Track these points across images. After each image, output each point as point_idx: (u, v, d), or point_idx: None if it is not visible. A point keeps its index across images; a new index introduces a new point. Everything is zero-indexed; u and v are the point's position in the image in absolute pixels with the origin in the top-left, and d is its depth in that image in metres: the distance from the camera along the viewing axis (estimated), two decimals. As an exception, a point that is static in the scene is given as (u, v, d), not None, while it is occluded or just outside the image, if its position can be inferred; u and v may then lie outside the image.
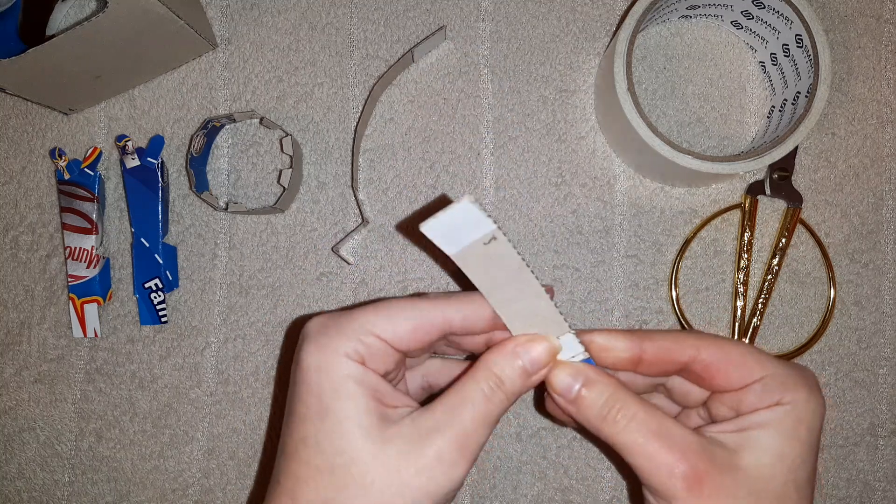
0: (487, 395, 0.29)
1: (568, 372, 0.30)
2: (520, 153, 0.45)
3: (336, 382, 0.29)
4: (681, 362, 0.31)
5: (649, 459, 0.29)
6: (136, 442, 0.45)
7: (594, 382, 0.30)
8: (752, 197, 0.44)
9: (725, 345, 0.31)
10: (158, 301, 0.44)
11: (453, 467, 0.28)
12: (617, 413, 0.29)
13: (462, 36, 0.45)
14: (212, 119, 0.43)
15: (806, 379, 0.30)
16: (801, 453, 0.29)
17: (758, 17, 0.42)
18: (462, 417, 0.29)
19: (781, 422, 0.29)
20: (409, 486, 0.28)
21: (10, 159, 0.46)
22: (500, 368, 0.29)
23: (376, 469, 0.28)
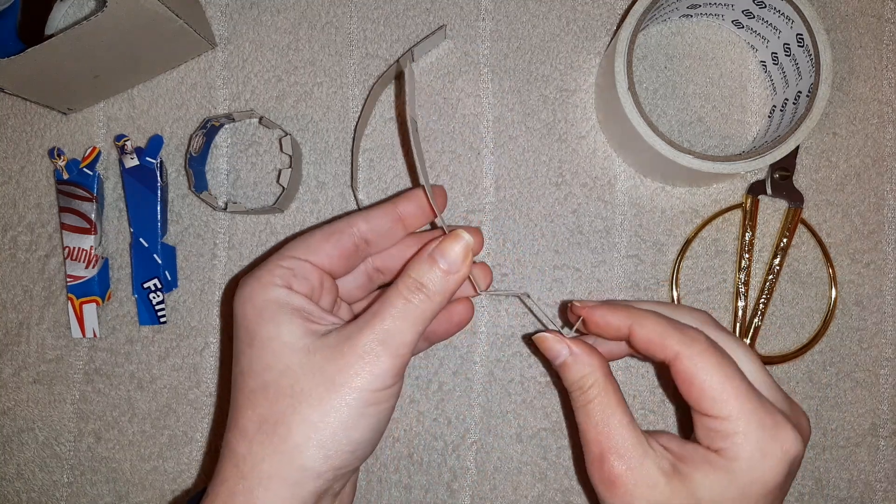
0: (406, 296, 0.31)
1: (555, 344, 0.34)
2: (520, 153, 0.44)
3: (259, 308, 0.31)
4: (661, 358, 0.33)
5: (585, 442, 0.32)
6: (135, 443, 0.45)
7: (579, 361, 0.33)
8: (753, 197, 0.44)
9: (709, 363, 0.31)
10: (157, 301, 0.44)
11: (376, 360, 0.30)
12: (580, 393, 0.33)
13: (462, 35, 0.45)
14: (211, 118, 0.43)
15: (765, 442, 0.30)
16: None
17: (759, 16, 0.42)
18: (382, 317, 0.31)
19: (716, 474, 0.30)
20: (334, 383, 0.29)
21: (8, 159, 0.46)
22: (419, 273, 0.31)
23: (304, 376, 0.30)
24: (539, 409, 0.44)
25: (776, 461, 0.30)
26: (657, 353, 0.32)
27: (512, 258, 0.44)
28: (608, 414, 0.32)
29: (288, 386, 0.30)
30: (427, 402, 0.44)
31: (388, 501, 0.43)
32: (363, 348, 0.30)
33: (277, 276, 0.32)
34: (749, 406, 0.30)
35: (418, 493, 0.43)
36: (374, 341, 0.30)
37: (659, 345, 0.32)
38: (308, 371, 0.30)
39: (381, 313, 0.31)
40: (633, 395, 0.44)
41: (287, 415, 0.30)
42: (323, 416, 0.29)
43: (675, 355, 0.31)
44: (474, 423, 0.44)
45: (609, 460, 0.31)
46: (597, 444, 0.32)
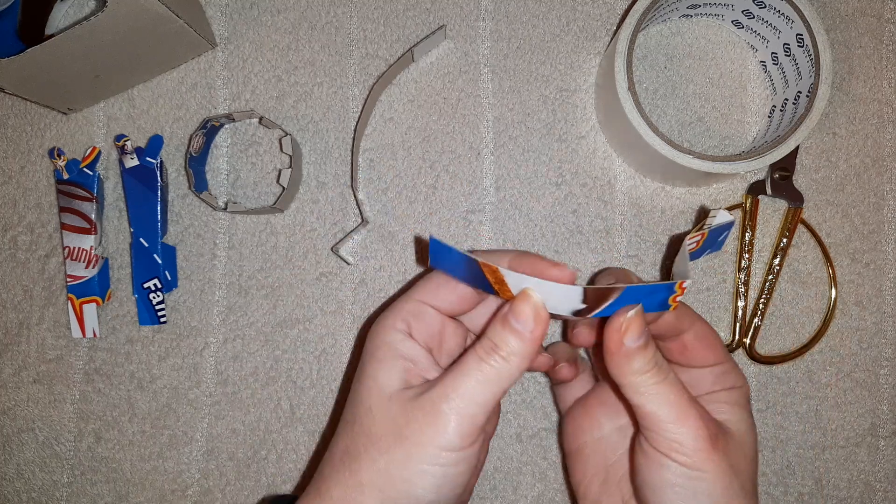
0: (481, 356, 0.31)
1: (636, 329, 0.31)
2: (520, 153, 0.44)
3: (375, 347, 0.33)
4: (675, 335, 0.35)
5: (678, 418, 0.30)
6: (135, 442, 0.45)
7: (650, 343, 0.31)
8: (753, 197, 0.44)
9: (706, 328, 0.35)
10: (157, 301, 0.44)
11: (442, 420, 0.30)
12: (654, 373, 0.31)
13: (462, 35, 0.45)
14: (211, 118, 0.43)
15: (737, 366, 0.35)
16: (753, 421, 0.34)
17: (759, 16, 0.42)
18: (455, 376, 0.30)
19: (739, 401, 0.34)
20: (401, 435, 0.30)
21: (8, 159, 0.46)
22: (493, 334, 0.31)
23: (380, 421, 0.31)
24: (539, 409, 0.44)
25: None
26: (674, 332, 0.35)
27: (512, 258, 0.44)
28: (681, 389, 0.31)
29: (368, 426, 0.31)
30: (427, 402, 0.44)
31: (388, 501, 0.43)
32: (432, 406, 0.30)
33: (400, 319, 0.33)
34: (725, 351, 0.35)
35: (418, 493, 0.43)
36: (443, 400, 0.30)
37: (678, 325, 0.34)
38: (384, 417, 0.31)
39: (455, 372, 0.31)
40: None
41: (361, 452, 0.31)
42: (387, 464, 0.30)
43: (690, 326, 0.35)
44: (474, 423, 0.44)
45: (719, 437, 0.31)
46: (702, 425, 0.30)
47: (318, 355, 0.44)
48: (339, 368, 0.44)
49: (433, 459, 0.30)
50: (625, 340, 0.30)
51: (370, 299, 0.44)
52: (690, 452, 0.30)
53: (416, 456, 0.30)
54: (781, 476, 0.43)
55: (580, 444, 0.38)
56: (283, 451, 0.44)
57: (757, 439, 0.34)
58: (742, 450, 0.32)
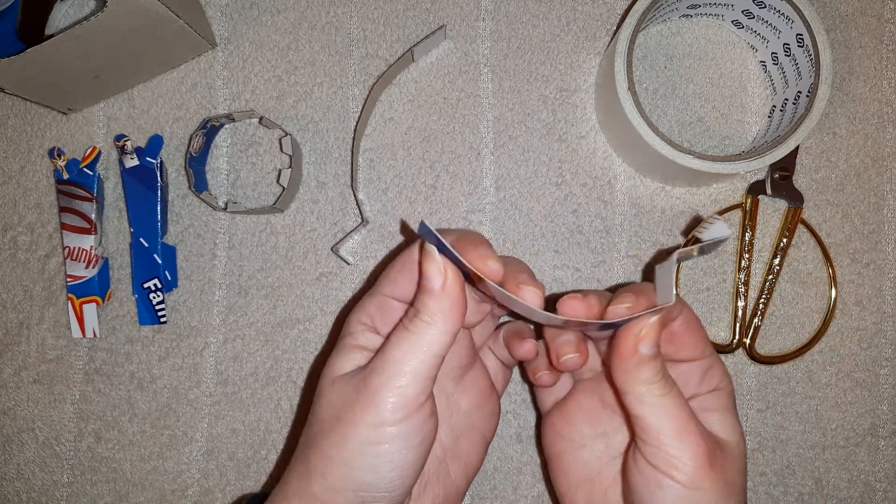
0: (405, 325, 0.31)
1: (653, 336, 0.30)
2: (520, 153, 0.44)
3: (337, 342, 0.34)
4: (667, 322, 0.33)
5: (678, 434, 0.30)
6: (135, 443, 0.45)
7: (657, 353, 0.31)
8: (753, 197, 0.44)
9: (692, 315, 0.34)
10: (157, 301, 0.44)
11: (372, 394, 0.30)
12: (661, 385, 0.30)
13: (462, 35, 0.45)
14: (211, 118, 0.43)
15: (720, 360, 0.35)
16: (740, 426, 0.33)
17: (759, 16, 0.42)
18: (383, 349, 0.31)
19: (726, 405, 0.33)
20: (339, 419, 0.30)
21: (8, 159, 0.46)
22: (415, 301, 0.31)
23: (325, 408, 0.31)
24: (539, 409, 0.44)
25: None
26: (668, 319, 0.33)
27: (512, 258, 0.44)
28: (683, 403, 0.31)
29: (318, 412, 0.32)
30: (427, 402, 0.44)
31: (388, 501, 0.43)
32: (363, 382, 0.30)
33: (365, 313, 0.34)
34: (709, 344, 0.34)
35: (418, 493, 0.43)
36: (373, 374, 0.30)
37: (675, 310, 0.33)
38: (328, 402, 0.31)
39: (384, 347, 0.31)
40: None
41: (310, 439, 0.31)
42: (328, 448, 0.30)
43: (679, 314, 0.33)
44: (474, 423, 0.44)
45: (716, 453, 0.31)
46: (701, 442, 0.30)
47: (318, 355, 0.44)
48: (339, 368, 0.44)
49: (367, 438, 0.29)
50: (640, 348, 0.30)
51: (370, 299, 0.44)
52: (689, 471, 0.30)
53: (351, 436, 0.29)
54: (781, 476, 0.43)
55: (559, 450, 0.37)
56: (284, 452, 0.44)
57: (745, 445, 0.33)
58: (735, 463, 0.32)
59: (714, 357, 0.34)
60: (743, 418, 0.43)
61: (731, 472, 0.31)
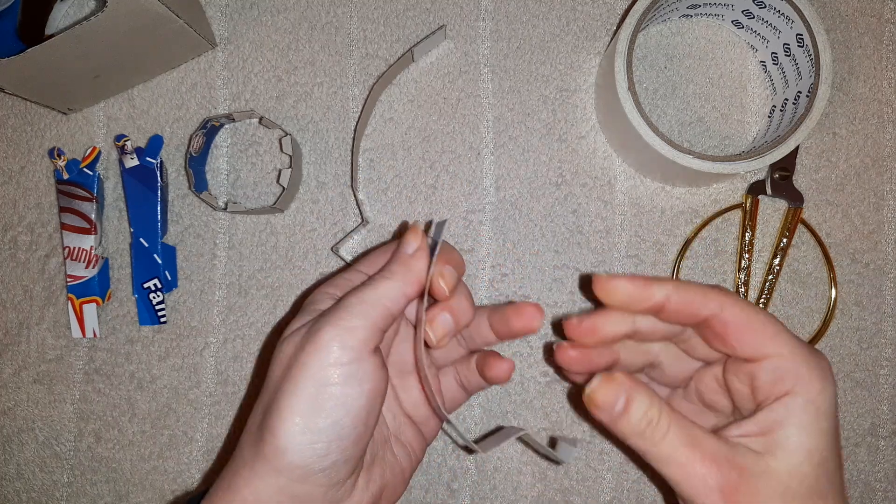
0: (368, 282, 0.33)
1: (612, 389, 0.30)
2: (520, 153, 0.44)
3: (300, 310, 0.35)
4: (702, 316, 0.31)
5: (685, 472, 0.29)
6: (135, 443, 0.45)
7: (633, 399, 0.30)
8: (753, 197, 0.44)
9: (748, 308, 0.30)
10: (157, 301, 0.44)
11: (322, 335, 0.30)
12: (653, 429, 0.29)
13: (462, 35, 0.45)
14: (211, 118, 0.43)
15: (819, 365, 0.30)
16: (828, 444, 0.29)
17: (759, 16, 0.42)
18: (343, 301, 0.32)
19: (801, 416, 0.29)
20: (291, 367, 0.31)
21: (8, 159, 0.46)
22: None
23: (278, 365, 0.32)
24: (539, 409, 0.44)
25: (830, 382, 0.30)
26: (697, 311, 0.30)
27: (512, 258, 0.44)
28: (690, 430, 0.29)
29: (269, 376, 0.32)
30: (427, 402, 0.44)
31: (388, 501, 0.43)
32: (315, 328, 0.31)
33: (334, 285, 0.34)
34: (793, 345, 0.30)
35: (418, 492, 0.43)
36: (324, 321, 0.31)
37: (701, 303, 0.30)
38: (278, 361, 0.32)
39: (341, 297, 0.32)
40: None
41: (262, 404, 0.32)
42: (281, 402, 0.30)
43: (719, 306, 0.30)
44: (474, 423, 0.44)
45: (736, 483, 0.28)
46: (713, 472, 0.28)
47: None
48: (339, 368, 0.44)
49: (317, 378, 0.30)
50: (599, 418, 0.30)
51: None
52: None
53: (301, 380, 0.30)
54: (781, 476, 0.43)
55: None
56: (283, 451, 0.44)
57: (828, 457, 0.29)
58: (787, 485, 0.28)
59: (789, 357, 0.30)
60: (743, 418, 0.43)
61: (769, 496, 0.28)
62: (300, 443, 0.29)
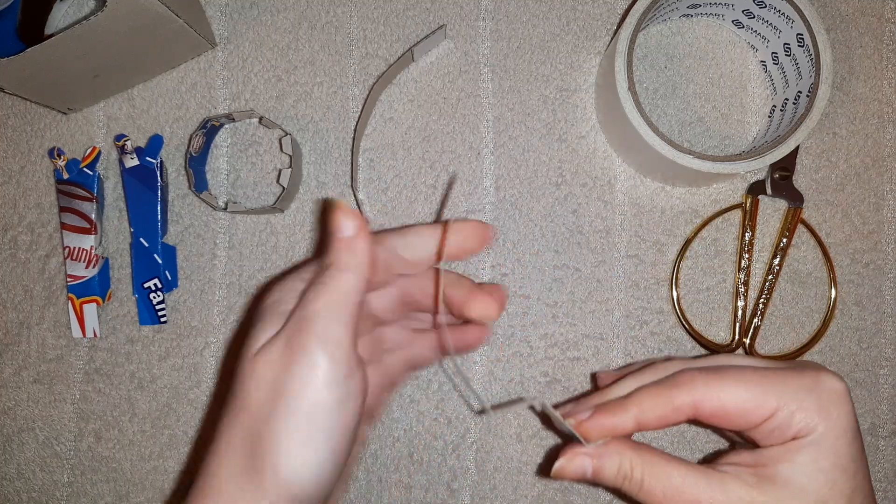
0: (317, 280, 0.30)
1: (575, 464, 0.32)
2: (520, 153, 0.44)
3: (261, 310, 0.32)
4: (684, 418, 0.31)
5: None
6: (135, 442, 0.45)
7: (602, 464, 0.31)
8: (753, 197, 0.44)
9: (724, 390, 0.30)
10: (158, 301, 0.44)
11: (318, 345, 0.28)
12: (630, 482, 0.31)
13: (462, 35, 0.45)
14: (211, 118, 0.43)
15: (819, 396, 0.29)
16: (828, 482, 0.29)
17: (759, 16, 0.42)
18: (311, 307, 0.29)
19: (798, 455, 0.29)
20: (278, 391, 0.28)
21: (8, 159, 0.46)
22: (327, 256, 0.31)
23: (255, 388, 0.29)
24: (539, 409, 0.44)
25: (840, 406, 0.29)
26: (675, 421, 0.31)
27: (512, 258, 0.44)
28: (666, 479, 0.30)
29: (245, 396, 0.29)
30: (427, 402, 0.44)
31: (388, 501, 0.43)
32: (293, 345, 0.28)
33: (299, 278, 0.32)
34: (784, 382, 0.30)
35: (418, 492, 0.43)
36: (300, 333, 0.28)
37: (674, 415, 0.31)
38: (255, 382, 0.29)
39: (300, 304, 0.29)
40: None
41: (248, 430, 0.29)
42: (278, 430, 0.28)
43: (692, 407, 0.31)
44: (474, 423, 0.44)
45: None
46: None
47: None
48: (339, 368, 0.44)
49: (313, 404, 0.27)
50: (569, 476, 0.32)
51: (370, 299, 0.44)
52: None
53: (296, 408, 0.27)
54: (781, 476, 0.43)
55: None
56: (284, 451, 0.44)
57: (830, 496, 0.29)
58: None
59: (793, 405, 0.29)
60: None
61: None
62: (304, 476, 0.27)
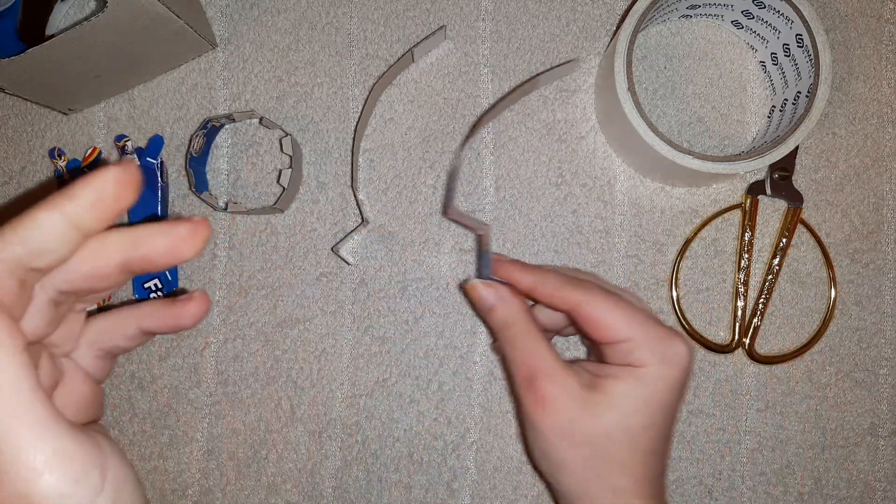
0: None
1: (487, 292, 0.37)
2: (520, 153, 0.45)
3: None
4: (564, 308, 0.36)
5: (514, 369, 0.36)
6: (135, 442, 0.45)
7: (500, 306, 0.37)
8: (752, 197, 0.44)
9: (606, 304, 0.35)
10: (158, 301, 0.44)
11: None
12: (508, 329, 0.36)
13: (462, 35, 0.45)
14: (211, 119, 0.43)
15: (665, 355, 0.34)
16: (640, 409, 0.34)
17: (758, 16, 0.42)
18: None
19: (629, 386, 0.34)
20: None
21: (9, 159, 0.46)
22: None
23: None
24: (539, 409, 0.44)
25: (675, 365, 0.34)
26: (560, 305, 0.36)
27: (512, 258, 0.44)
28: (533, 343, 0.35)
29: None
30: (427, 402, 0.44)
31: (388, 501, 0.43)
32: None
33: None
34: (646, 327, 0.35)
35: (418, 492, 0.43)
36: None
37: (560, 297, 0.36)
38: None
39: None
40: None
41: None
42: None
43: (577, 303, 0.35)
44: (474, 423, 0.44)
45: (538, 380, 0.34)
46: (525, 368, 0.35)
47: (318, 355, 0.44)
48: (338, 368, 0.44)
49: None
50: (477, 305, 0.38)
51: (370, 299, 0.44)
52: (521, 398, 0.36)
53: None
54: (781, 476, 0.43)
55: None
56: (284, 451, 0.44)
57: (639, 435, 0.34)
58: (590, 419, 0.34)
59: (638, 342, 0.34)
60: (742, 418, 0.44)
61: (572, 419, 0.34)
62: None
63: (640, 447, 0.34)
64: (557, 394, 0.34)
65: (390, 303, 0.44)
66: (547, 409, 0.34)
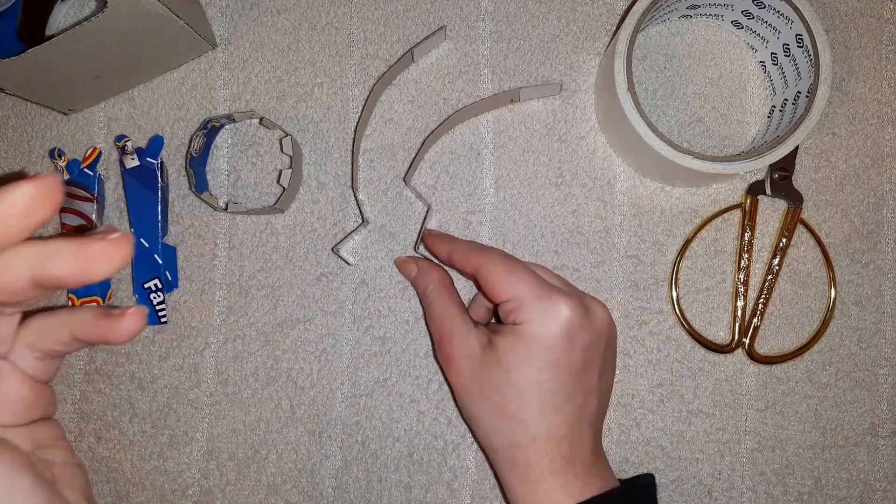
0: None
1: (407, 266, 0.43)
2: (520, 153, 0.45)
3: None
4: (471, 271, 0.39)
5: (431, 332, 0.40)
6: (135, 442, 0.45)
7: (423, 273, 0.42)
8: (752, 197, 0.44)
9: (502, 266, 0.38)
10: (158, 301, 0.44)
11: None
12: (425, 297, 0.41)
13: (462, 36, 0.45)
14: (211, 119, 0.43)
15: (547, 308, 0.36)
16: (522, 366, 0.36)
17: (758, 16, 0.42)
18: None
19: (512, 339, 0.36)
20: None
21: (9, 159, 0.46)
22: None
23: None
24: (539, 409, 0.44)
25: (554, 322, 0.36)
26: (468, 268, 0.39)
27: (512, 258, 0.44)
28: (444, 309, 0.39)
29: None
30: (427, 402, 0.44)
31: (388, 501, 0.43)
32: None
33: None
34: (532, 287, 0.37)
35: (418, 492, 0.43)
36: None
37: (468, 261, 0.39)
38: None
39: None
40: (631, 395, 0.44)
41: None
42: None
43: (478, 265, 0.38)
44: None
45: (444, 341, 0.39)
46: (437, 333, 0.39)
47: (318, 355, 0.44)
48: (339, 368, 0.44)
49: None
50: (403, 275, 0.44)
51: (370, 299, 0.44)
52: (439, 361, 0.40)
53: None
54: (781, 476, 0.43)
55: None
56: (284, 451, 0.44)
57: (519, 371, 0.36)
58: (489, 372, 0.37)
59: (526, 302, 0.36)
60: (742, 418, 0.44)
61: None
62: None
63: (531, 403, 0.36)
64: (460, 353, 0.38)
65: (390, 303, 0.44)
66: (453, 367, 0.38)
